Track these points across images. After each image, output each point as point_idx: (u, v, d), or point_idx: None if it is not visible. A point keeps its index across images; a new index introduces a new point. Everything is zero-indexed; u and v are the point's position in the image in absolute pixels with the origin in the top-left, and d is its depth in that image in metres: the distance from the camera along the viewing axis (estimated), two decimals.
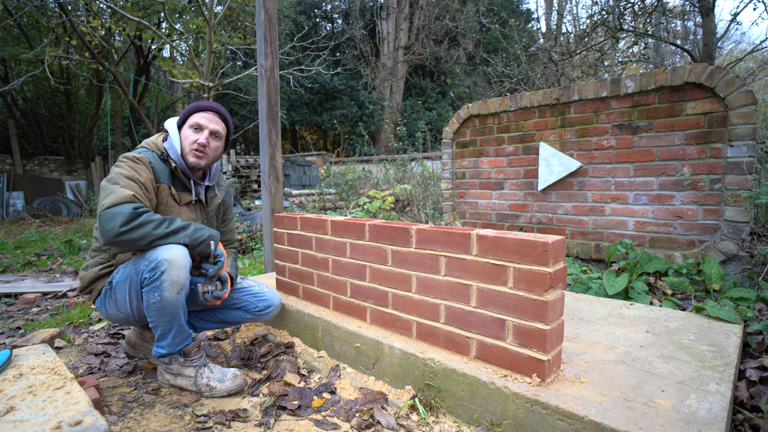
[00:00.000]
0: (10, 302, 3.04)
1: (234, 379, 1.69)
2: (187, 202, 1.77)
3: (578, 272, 2.77)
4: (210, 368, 1.72)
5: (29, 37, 10.60)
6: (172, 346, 1.65)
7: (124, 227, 1.43)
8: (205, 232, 1.64)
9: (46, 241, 5.92)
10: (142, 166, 1.63)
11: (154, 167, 1.67)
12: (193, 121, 1.75)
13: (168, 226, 1.53)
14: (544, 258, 1.23)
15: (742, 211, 2.46)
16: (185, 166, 1.74)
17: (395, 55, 15.52)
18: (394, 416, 1.46)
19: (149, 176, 1.63)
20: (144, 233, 1.47)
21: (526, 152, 3.46)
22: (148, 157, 1.67)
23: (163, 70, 11.12)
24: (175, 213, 1.72)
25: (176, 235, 1.54)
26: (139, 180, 1.58)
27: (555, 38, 8.20)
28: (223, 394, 1.67)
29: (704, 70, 2.51)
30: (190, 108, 1.79)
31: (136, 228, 1.45)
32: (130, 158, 1.63)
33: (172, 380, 1.71)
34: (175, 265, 1.50)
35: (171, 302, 1.53)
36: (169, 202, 1.70)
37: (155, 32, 7.05)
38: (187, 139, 1.73)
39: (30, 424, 1.05)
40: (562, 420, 1.14)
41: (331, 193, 7.65)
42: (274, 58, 2.63)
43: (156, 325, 1.59)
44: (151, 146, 1.73)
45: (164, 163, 1.72)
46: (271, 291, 1.99)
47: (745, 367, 1.53)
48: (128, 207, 1.45)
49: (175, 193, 1.73)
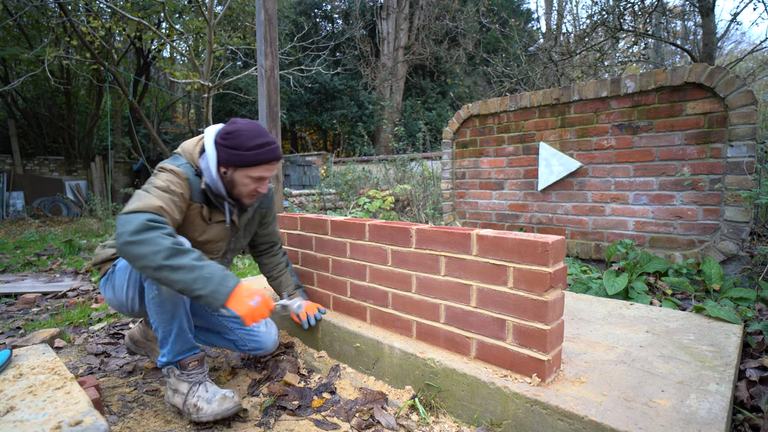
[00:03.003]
0: (10, 302, 3.04)
1: (222, 402, 1.47)
2: (218, 221, 1.65)
3: (578, 272, 2.77)
4: (206, 387, 1.53)
5: (29, 37, 10.59)
6: (172, 353, 1.51)
7: (132, 237, 1.30)
8: (208, 286, 1.33)
9: (46, 241, 5.92)
10: (179, 180, 1.50)
11: (191, 183, 1.54)
12: (257, 175, 1.56)
13: (169, 258, 1.30)
14: (544, 258, 1.23)
15: (742, 211, 2.46)
16: (221, 191, 1.59)
17: (395, 55, 15.51)
18: (394, 416, 1.46)
19: (186, 191, 1.51)
20: (141, 253, 1.29)
21: (526, 152, 3.46)
22: (187, 173, 1.53)
23: (164, 71, 11.11)
24: (201, 231, 1.61)
25: (172, 273, 1.30)
26: (171, 195, 1.46)
27: (555, 38, 8.20)
28: (208, 418, 1.46)
29: (704, 70, 2.51)
30: (255, 157, 1.52)
31: (140, 243, 1.30)
32: (169, 170, 1.50)
33: (171, 397, 1.56)
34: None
35: (169, 298, 1.44)
36: (195, 221, 1.59)
37: (155, 32, 7.06)
38: (245, 186, 1.58)
39: (30, 424, 1.05)
40: (562, 420, 1.14)
41: (331, 193, 7.65)
42: (274, 58, 2.63)
43: (157, 326, 1.49)
44: (188, 158, 1.58)
45: (198, 179, 1.58)
46: (270, 332, 1.78)
47: (745, 367, 1.53)
48: (144, 217, 1.33)
49: (207, 212, 1.60)
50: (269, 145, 1.54)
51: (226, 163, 1.53)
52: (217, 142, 1.55)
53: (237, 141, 1.51)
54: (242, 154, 1.51)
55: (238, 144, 1.51)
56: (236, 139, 1.51)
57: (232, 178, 1.56)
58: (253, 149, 1.51)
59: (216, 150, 1.55)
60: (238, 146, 1.51)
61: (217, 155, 1.54)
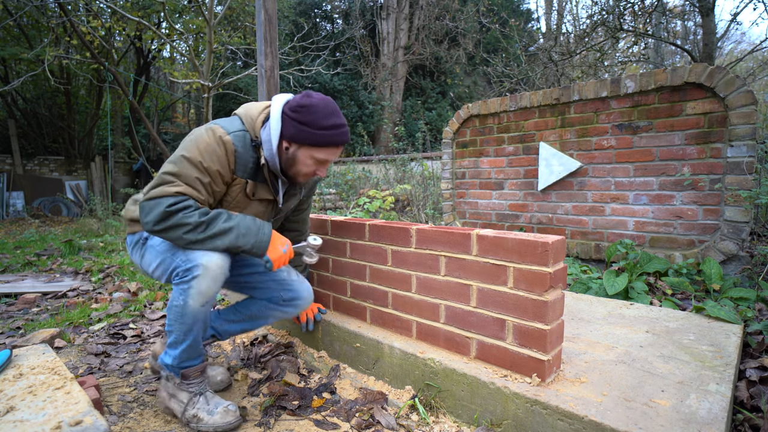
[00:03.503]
0: (10, 302, 3.04)
1: (224, 415, 1.44)
2: (261, 198, 1.54)
3: (578, 272, 2.77)
4: (206, 398, 1.49)
5: (29, 37, 10.59)
6: (177, 360, 1.47)
7: (157, 226, 1.30)
8: (249, 240, 1.40)
9: (46, 241, 5.92)
10: (221, 153, 1.37)
11: (239, 156, 1.41)
12: (323, 157, 1.45)
13: (204, 230, 1.33)
14: (544, 258, 1.23)
15: (742, 211, 2.46)
16: (276, 167, 1.49)
17: (395, 55, 15.52)
18: (394, 416, 1.46)
19: (225, 167, 1.40)
20: (175, 236, 1.32)
21: (526, 152, 3.46)
22: (236, 144, 1.40)
23: (164, 71, 11.12)
24: (242, 207, 1.51)
25: (212, 241, 1.35)
26: (202, 173, 1.36)
27: (555, 38, 8.20)
28: (208, 429, 1.43)
29: (704, 70, 2.51)
30: (327, 138, 1.41)
31: (168, 230, 1.31)
32: (214, 140, 1.37)
33: (166, 400, 1.53)
34: (209, 275, 1.35)
35: (192, 312, 1.39)
36: (238, 197, 1.48)
37: (155, 32, 7.05)
38: (307, 167, 1.48)
39: (30, 424, 1.05)
40: (562, 420, 1.14)
41: (331, 193, 7.65)
42: (274, 58, 2.63)
43: (171, 330, 1.45)
44: (248, 126, 1.45)
45: (253, 151, 1.45)
46: (300, 281, 1.72)
47: (745, 367, 1.53)
48: (163, 204, 1.29)
49: (251, 188, 1.49)
50: (343, 126, 1.43)
51: (292, 138, 1.42)
52: (286, 114, 1.42)
53: (310, 117, 1.39)
54: (314, 132, 1.40)
55: (311, 120, 1.39)
56: (311, 114, 1.39)
57: (295, 156, 1.45)
58: (326, 129, 1.41)
59: (282, 122, 1.43)
60: (310, 123, 1.39)
61: (282, 128, 1.43)
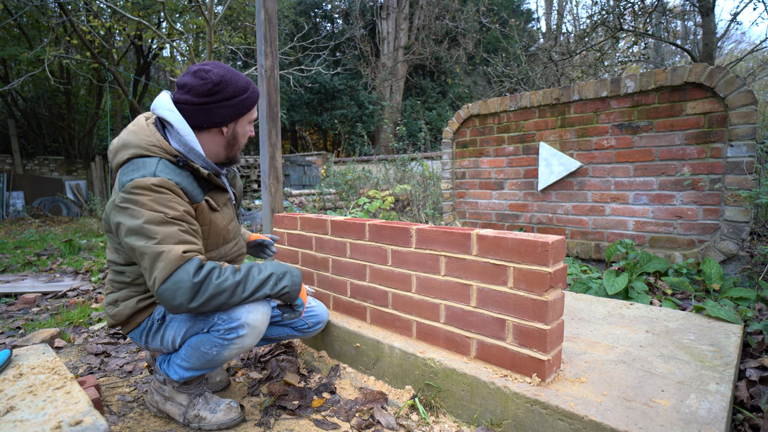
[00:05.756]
0: (10, 302, 3.04)
1: (228, 412, 1.47)
2: (224, 202, 1.47)
3: (578, 272, 2.77)
4: (206, 398, 1.50)
5: (29, 37, 10.59)
6: (181, 378, 1.43)
7: (193, 303, 1.17)
8: (287, 282, 1.35)
9: (46, 241, 5.92)
10: (170, 196, 1.21)
11: (181, 185, 1.25)
12: (254, 116, 1.38)
13: (244, 289, 1.25)
14: (544, 258, 1.23)
15: (742, 211, 2.46)
16: (216, 167, 1.38)
17: (395, 55, 15.52)
18: (394, 416, 1.46)
19: (185, 203, 1.25)
20: (217, 305, 1.22)
21: (526, 152, 3.46)
22: (172, 178, 1.23)
23: (164, 70, 11.11)
24: (220, 222, 1.41)
25: (256, 294, 1.30)
26: (178, 224, 1.20)
27: (555, 38, 8.20)
28: (212, 428, 1.44)
29: (704, 70, 2.51)
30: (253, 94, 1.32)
31: (208, 301, 1.20)
32: (154, 190, 1.19)
33: (161, 404, 1.50)
34: (255, 334, 1.34)
35: (223, 361, 1.38)
36: (210, 218, 1.37)
37: (155, 32, 7.06)
38: (244, 135, 1.39)
39: (30, 423, 1.05)
40: (562, 420, 1.14)
41: (331, 193, 7.66)
42: (274, 58, 2.63)
43: (186, 358, 1.37)
44: (158, 152, 1.25)
45: (184, 170, 1.29)
46: (320, 305, 1.80)
47: (745, 366, 1.53)
48: (187, 277, 1.15)
49: (212, 202, 1.38)
50: (243, 75, 1.35)
51: (231, 118, 1.31)
52: (203, 106, 1.27)
53: (231, 88, 1.28)
54: (245, 98, 1.32)
55: (234, 91, 1.29)
56: (228, 85, 1.28)
57: (235, 133, 1.36)
58: (247, 88, 1.32)
59: (205, 114, 1.28)
60: (236, 93, 1.29)
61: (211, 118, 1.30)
